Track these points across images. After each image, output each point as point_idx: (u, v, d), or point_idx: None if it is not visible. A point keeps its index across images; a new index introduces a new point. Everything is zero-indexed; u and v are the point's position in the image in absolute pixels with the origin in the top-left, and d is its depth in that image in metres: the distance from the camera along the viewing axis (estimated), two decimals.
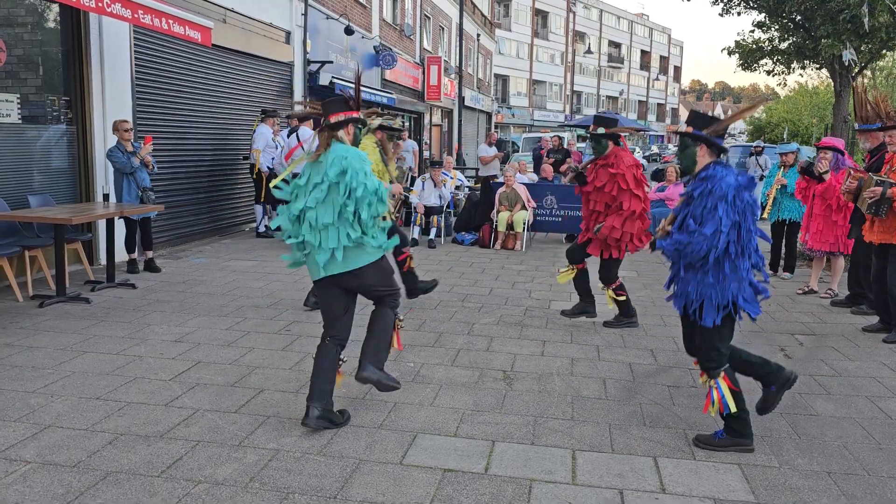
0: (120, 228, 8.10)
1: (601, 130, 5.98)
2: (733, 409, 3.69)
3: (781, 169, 8.59)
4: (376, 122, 6.09)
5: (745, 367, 3.94)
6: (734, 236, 3.52)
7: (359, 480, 3.36)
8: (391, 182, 6.31)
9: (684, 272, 3.75)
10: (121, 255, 7.95)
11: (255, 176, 11.06)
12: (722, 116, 3.95)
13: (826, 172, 7.29)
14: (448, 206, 11.71)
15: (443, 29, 29.26)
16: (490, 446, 3.76)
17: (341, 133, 3.95)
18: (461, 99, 25.89)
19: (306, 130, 10.10)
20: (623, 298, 6.18)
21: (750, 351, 4.06)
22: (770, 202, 8.59)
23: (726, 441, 3.78)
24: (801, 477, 3.50)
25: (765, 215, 8.82)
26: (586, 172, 6.21)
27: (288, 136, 10.40)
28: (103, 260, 7.92)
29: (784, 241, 8.78)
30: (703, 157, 3.72)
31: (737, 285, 3.61)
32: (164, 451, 3.60)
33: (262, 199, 11.16)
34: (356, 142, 4.14)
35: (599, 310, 6.45)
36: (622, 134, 6.14)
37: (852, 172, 6.44)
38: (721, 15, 19.50)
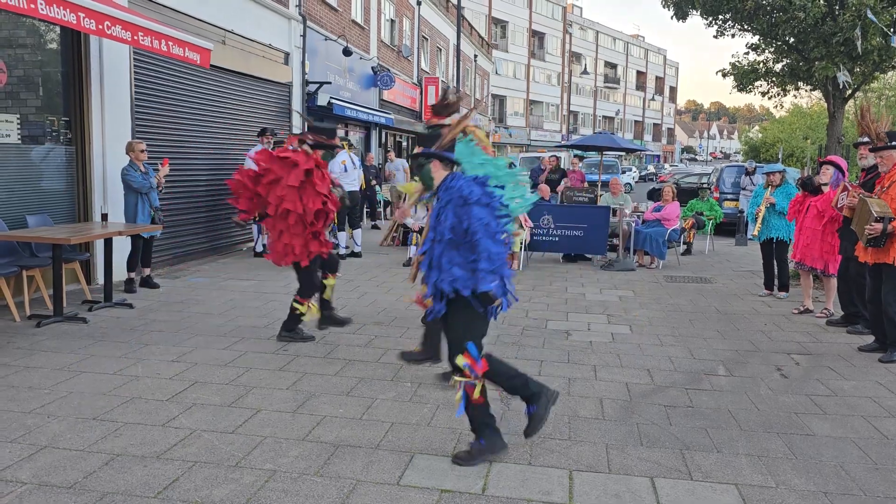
0: (124, 246, 8.14)
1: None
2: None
3: (769, 188, 8.67)
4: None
5: (505, 381, 3.93)
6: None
7: (356, 501, 3.36)
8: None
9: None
10: (118, 274, 7.96)
11: None
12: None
13: (825, 185, 7.36)
14: None
15: (440, 50, 29.51)
16: (487, 467, 3.76)
17: None
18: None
19: None
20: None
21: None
22: (759, 220, 8.66)
23: (476, 450, 3.78)
24: (797, 497, 3.50)
25: (755, 232, 8.89)
26: None
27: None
28: (101, 280, 7.94)
29: (775, 260, 8.82)
30: (437, 171, 3.83)
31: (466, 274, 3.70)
32: (160, 472, 3.59)
33: (257, 219, 11.17)
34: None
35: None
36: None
37: (849, 187, 6.50)
38: (716, 37, 19.69)
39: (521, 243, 10.74)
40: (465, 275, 3.70)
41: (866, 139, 6.63)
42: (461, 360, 3.78)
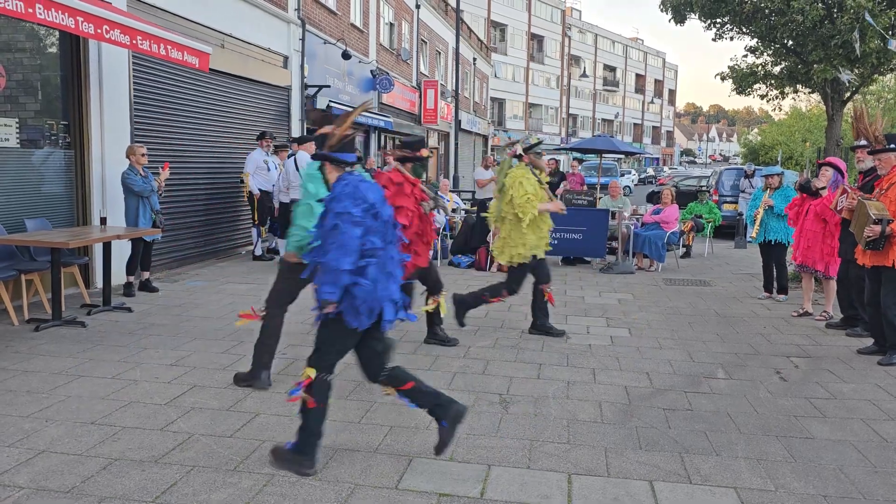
0: (123, 250, 8.13)
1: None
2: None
3: (767, 191, 8.67)
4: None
5: (417, 396, 3.76)
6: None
7: None
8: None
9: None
10: (117, 278, 7.96)
11: (247, 198, 11.13)
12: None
13: (823, 188, 7.36)
14: (444, 229, 11.75)
15: (439, 53, 29.54)
16: (486, 470, 3.75)
17: None
18: (457, 122, 26.08)
19: (304, 155, 10.15)
20: None
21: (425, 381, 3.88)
22: (757, 223, 8.67)
23: (287, 455, 3.64)
24: (797, 501, 3.49)
25: (753, 235, 8.89)
26: None
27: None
28: (100, 283, 7.93)
29: (773, 262, 8.82)
30: (331, 173, 3.76)
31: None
32: (158, 477, 3.58)
33: (255, 222, 11.21)
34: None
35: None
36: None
37: (848, 191, 6.51)
38: (714, 40, 19.75)
39: None
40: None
41: (863, 143, 6.64)
42: (308, 371, 3.63)
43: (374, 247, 3.53)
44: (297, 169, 9.97)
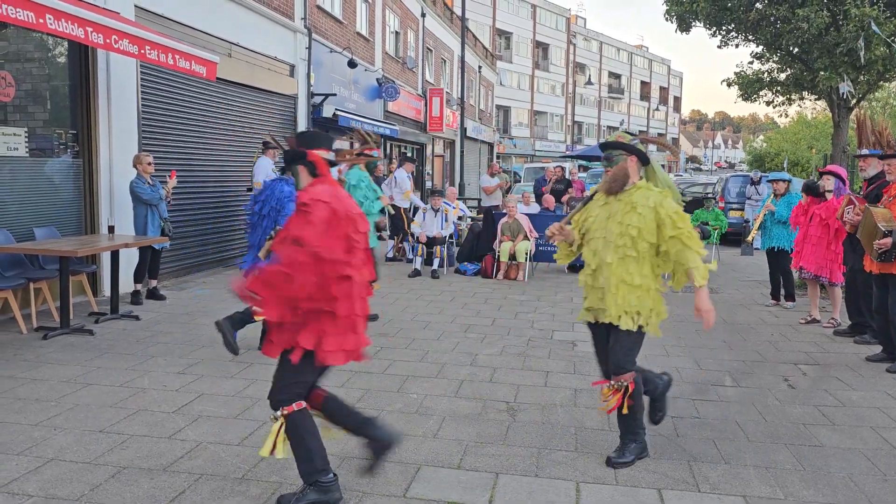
0: (131, 258, 8.17)
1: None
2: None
3: (772, 197, 8.66)
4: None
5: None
6: None
7: None
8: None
9: None
10: (125, 286, 7.99)
11: None
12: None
13: (830, 191, 7.35)
14: (451, 237, 11.77)
15: (445, 61, 29.63)
16: (494, 479, 3.75)
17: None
18: (463, 130, 26.12)
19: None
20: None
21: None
22: (756, 227, 8.66)
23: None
24: None
25: (749, 239, 8.87)
26: None
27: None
28: (107, 292, 7.96)
29: (779, 269, 8.80)
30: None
31: None
32: (166, 485, 3.59)
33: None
34: None
35: None
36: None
37: (855, 202, 6.49)
38: (720, 47, 19.76)
39: (527, 254, 10.74)
40: None
41: (865, 151, 6.63)
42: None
43: None
44: None
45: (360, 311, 3.36)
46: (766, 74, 20.39)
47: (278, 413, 3.27)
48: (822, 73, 16.58)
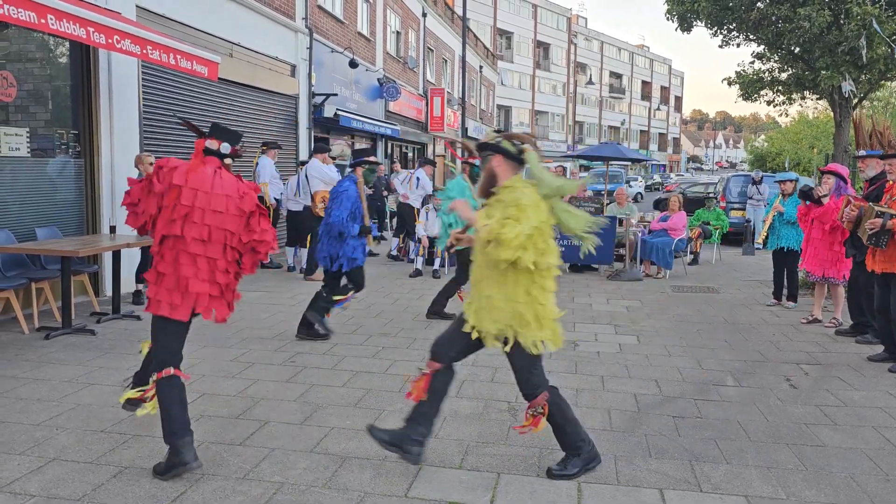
0: (133, 258, 8.17)
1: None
2: None
3: (780, 197, 8.65)
4: None
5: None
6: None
7: None
8: None
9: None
10: (127, 286, 7.99)
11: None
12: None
13: (826, 196, 7.34)
14: None
15: (446, 61, 29.63)
16: (495, 478, 3.75)
17: None
18: (464, 130, 26.13)
19: (316, 163, 10.21)
20: None
21: None
22: (766, 228, 8.64)
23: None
24: None
25: (759, 240, 8.86)
26: None
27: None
28: (109, 291, 7.97)
29: (785, 269, 8.79)
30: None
31: None
32: (168, 485, 3.59)
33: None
34: None
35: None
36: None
37: (851, 200, 6.49)
38: (721, 46, 19.74)
39: None
40: None
41: (863, 153, 6.63)
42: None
43: None
44: (307, 178, 10.04)
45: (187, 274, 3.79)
46: (767, 74, 20.36)
47: None
48: (824, 72, 16.56)
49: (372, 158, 6.80)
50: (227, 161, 4.48)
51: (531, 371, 3.66)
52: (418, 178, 12.03)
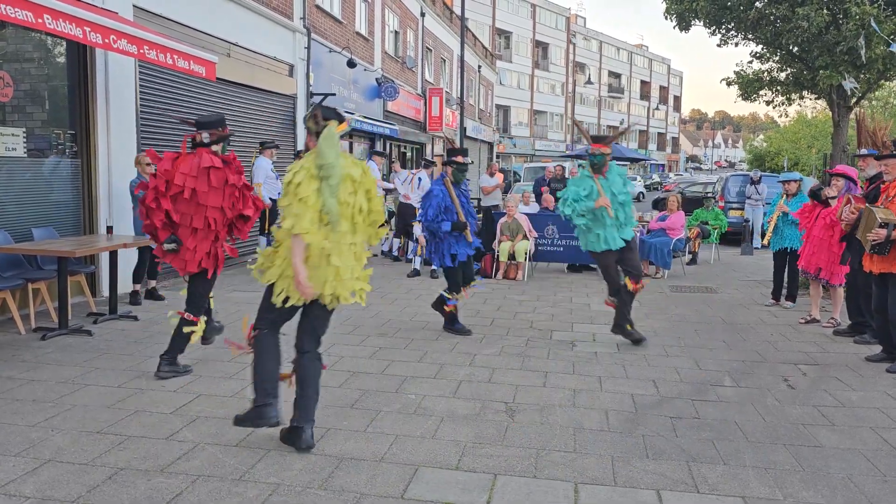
0: (130, 258, 8.16)
1: None
2: None
3: (784, 197, 8.63)
4: None
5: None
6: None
7: None
8: None
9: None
10: (123, 286, 7.98)
11: None
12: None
13: (834, 198, 7.32)
14: None
15: (444, 61, 29.62)
16: (492, 479, 3.74)
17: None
18: (463, 129, 26.13)
19: None
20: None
21: None
22: (771, 228, 8.62)
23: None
24: None
25: (765, 241, 8.84)
26: None
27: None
28: (106, 292, 7.95)
29: (787, 269, 8.78)
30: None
31: None
32: (164, 486, 3.58)
33: (265, 231, 11.22)
34: None
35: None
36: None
37: (852, 200, 6.48)
38: (719, 46, 19.73)
39: (526, 254, 10.73)
40: None
41: (864, 151, 6.62)
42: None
43: None
44: None
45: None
46: (765, 74, 20.36)
47: None
48: (823, 71, 16.55)
49: (459, 158, 6.91)
50: (215, 147, 5.19)
51: (265, 306, 4.18)
52: (420, 179, 12.04)
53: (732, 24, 18.46)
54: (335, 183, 3.85)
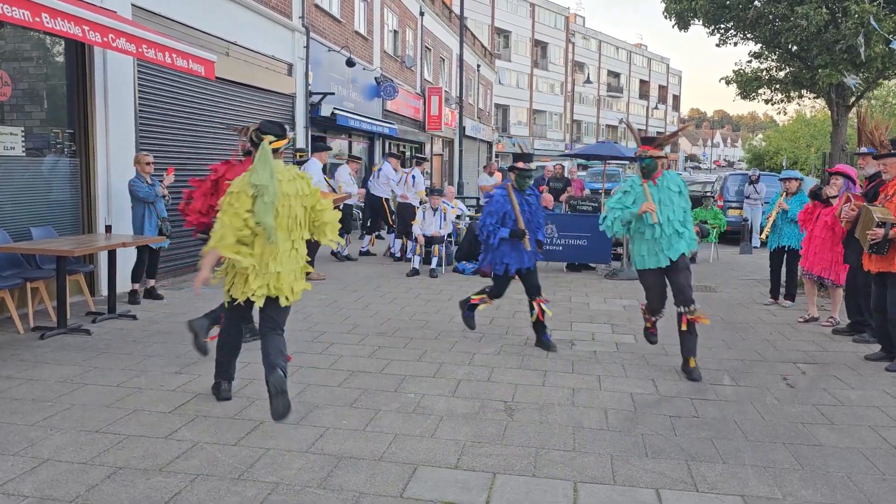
0: (129, 258, 8.15)
1: None
2: None
3: (784, 195, 8.62)
4: None
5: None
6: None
7: None
8: None
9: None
10: (122, 285, 7.97)
11: None
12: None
13: (834, 197, 7.32)
14: (450, 236, 11.76)
15: (443, 60, 29.60)
16: (491, 478, 3.73)
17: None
18: (462, 129, 26.11)
19: (315, 162, 10.26)
20: None
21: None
22: (769, 226, 8.62)
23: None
24: None
25: (763, 237, 8.84)
26: None
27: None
28: (105, 291, 7.94)
29: (784, 268, 8.78)
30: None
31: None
32: (162, 485, 3.58)
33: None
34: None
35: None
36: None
37: (851, 198, 6.48)
38: (718, 45, 19.71)
39: None
40: None
41: (864, 150, 6.62)
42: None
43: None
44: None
45: None
46: (764, 72, 20.34)
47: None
48: (822, 70, 16.53)
49: (520, 164, 6.56)
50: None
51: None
52: (414, 177, 12.05)
53: (731, 23, 18.44)
54: (269, 200, 4.16)
